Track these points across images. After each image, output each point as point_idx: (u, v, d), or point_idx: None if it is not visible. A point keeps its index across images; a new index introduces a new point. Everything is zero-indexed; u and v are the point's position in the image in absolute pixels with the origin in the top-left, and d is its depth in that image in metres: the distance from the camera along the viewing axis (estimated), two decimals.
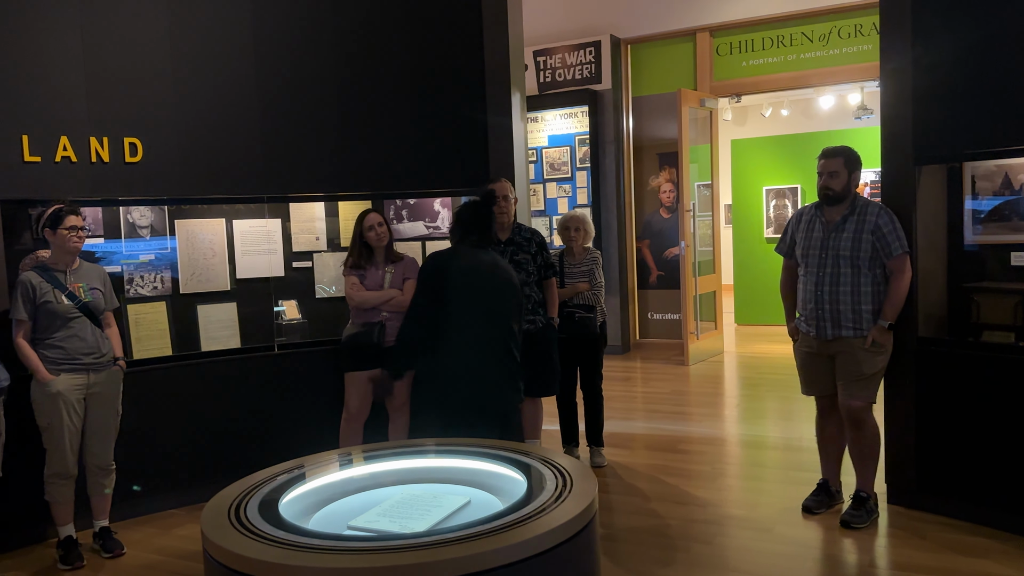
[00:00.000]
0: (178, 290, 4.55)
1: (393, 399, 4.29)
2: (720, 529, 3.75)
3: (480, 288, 3.24)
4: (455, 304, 3.18)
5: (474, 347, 3.21)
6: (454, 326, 3.19)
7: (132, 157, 4.20)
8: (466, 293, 3.19)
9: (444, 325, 3.18)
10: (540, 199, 8.85)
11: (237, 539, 2.06)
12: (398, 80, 4.81)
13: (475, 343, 3.22)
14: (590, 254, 4.74)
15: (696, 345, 8.00)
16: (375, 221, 4.29)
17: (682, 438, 5.34)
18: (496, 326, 3.29)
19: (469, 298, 3.20)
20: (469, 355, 3.21)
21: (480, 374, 3.21)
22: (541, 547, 1.92)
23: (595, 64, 8.66)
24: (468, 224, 3.32)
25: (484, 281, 3.26)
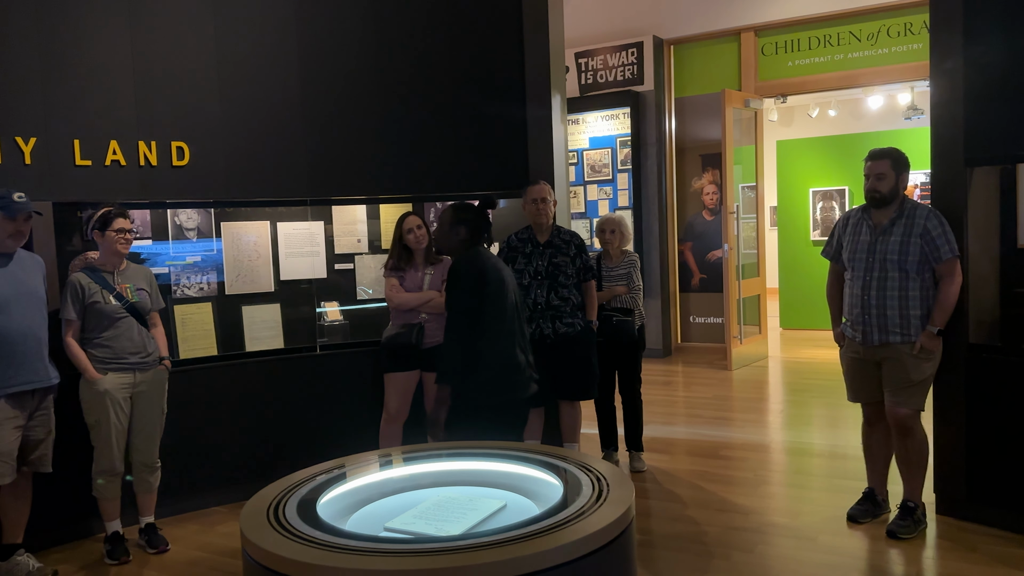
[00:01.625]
0: (223, 291, 4.63)
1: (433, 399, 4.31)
2: (762, 537, 3.69)
3: (508, 285, 3.34)
4: (495, 305, 3.25)
5: (512, 342, 3.31)
6: (496, 325, 3.25)
7: (179, 161, 4.28)
8: (501, 292, 3.28)
9: (488, 326, 3.22)
10: (580, 201, 8.82)
11: (275, 539, 2.08)
12: (439, 83, 4.84)
13: (511, 338, 3.30)
14: (628, 257, 4.70)
15: (739, 349, 7.89)
16: (414, 224, 4.32)
17: (724, 444, 5.27)
18: (521, 320, 3.41)
19: (503, 297, 3.29)
20: (510, 350, 3.30)
21: (518, 366, 3.32)
22: (576, 553, 1.90)
23: (637, 65, 8.60)
24: (477, 226, 3.32)
25: (508, 278, 3.37)
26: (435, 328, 4.23)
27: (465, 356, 3.19)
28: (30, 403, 3.42)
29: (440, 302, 4.22)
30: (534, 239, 4.31)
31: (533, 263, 4.25)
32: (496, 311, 3.25)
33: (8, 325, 3.32)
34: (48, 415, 3.51)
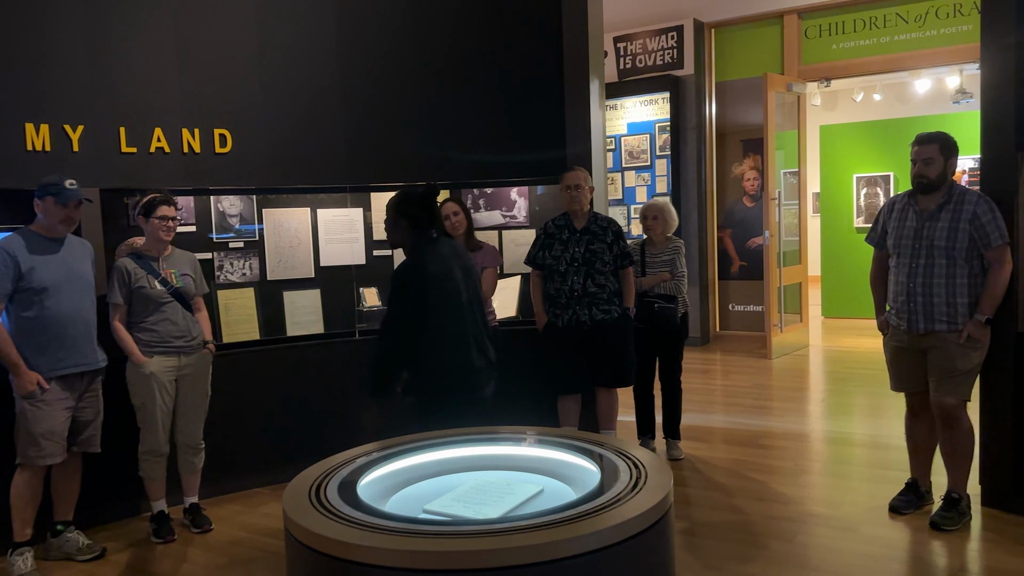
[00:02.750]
0: (265, 277, 4.70)
1: None
2: (801, 527, 3.65)
3: (457, 281, 3.16)
4: (442, 306, 3.10)
5: (463, 341, 3.16)
6: (442, 327, 3.12)
7: (222, 148, 4.35)
8: (449, 292, 3.12)
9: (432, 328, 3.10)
10: (618, 188, 8.76)
11: (317, 519, 2.11)
12: (477, 69, 4.83)
13: (463, 338, 3.17)
14: (672, 243, 4.65)
15: (780, 338, 7.79)
16: (451, 210, 4.33)
17: (763, 433, 5.22)
18: (477, 317, 3.25)
19: (452, 296, 3.13)
20: (462, 350, 3.16)
21: (471, 366, 3.19)
22: (614, 539, 1.90)
23: (677, 49, 8.49)
24: (418, 218, 3.13)
25: (460, 275, 3.19)
26: None
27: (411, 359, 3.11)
28: (79, 385, 3.51)
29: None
30: (571, 225, 4.29)
31: (570, 249, 4.24)
32: (442, 312, 3.09)
33: (58, 309, 3.41)
34: (96, 397, 3.60)
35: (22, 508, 3.39)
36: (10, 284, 3.32)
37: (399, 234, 3.16)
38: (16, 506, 3.39)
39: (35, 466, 3.39)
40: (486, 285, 4.28)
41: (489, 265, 4.33)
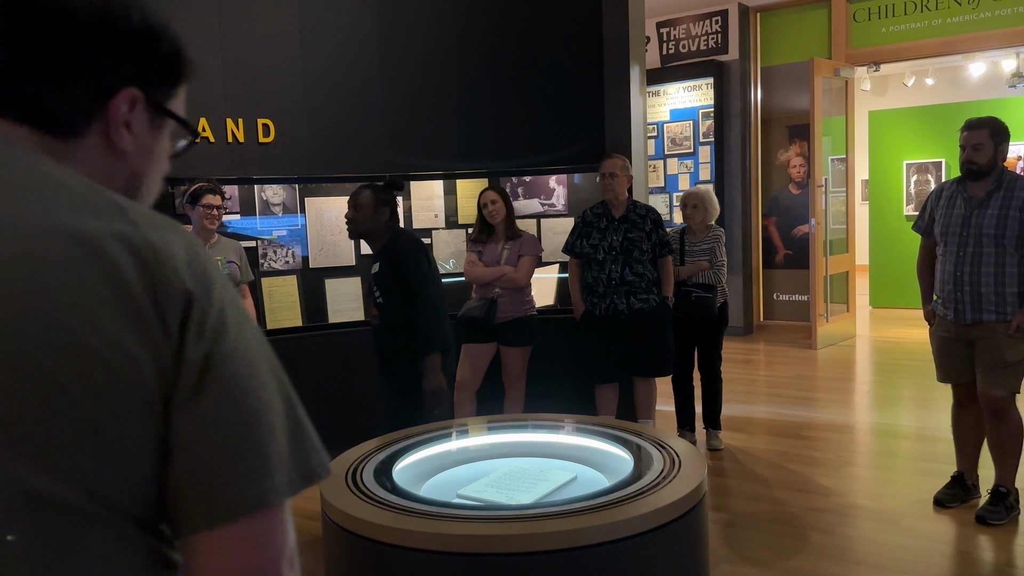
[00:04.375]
0: (308, 264, 4.77)
1: (509, 372, 4.37)
2: (843, 519, 3.60)
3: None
4: (437, 277, 3.53)
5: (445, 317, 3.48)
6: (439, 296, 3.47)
7: (265, 138, 4.42)
8: (435, 265, 3.56)
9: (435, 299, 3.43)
10: (660, 175, 8.67)
11: (353, 502, 2.16)
12: (516, 57, 4.83)
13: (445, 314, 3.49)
14: (712, 232, 4.60)
15: (825, 328, 7.66)
16: (488, 199, 4.35)
17: (806, 424, 5.15)
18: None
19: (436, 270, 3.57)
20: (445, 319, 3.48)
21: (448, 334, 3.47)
22: (645, 526, 1.91)
23: (721, 34, 8.36)
24: (395, 208, 3.49)
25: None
26: (508, 303, 4.27)
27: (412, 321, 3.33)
28: None
29: (513, 277, 4.26)
30: (609, 214, 4.27)
31: (607, 238, 4.22)
32: (437, 284, 3.48)
33: None
34: None
35: None
36: None
37: (376, 222, 3.41)
38: None
39: None
40: (523, 273, 4.30)
41: (528, 253, 4.34)
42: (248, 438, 0.74)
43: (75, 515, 0.69)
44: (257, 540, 0.74)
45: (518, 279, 4.28)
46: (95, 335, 0.68)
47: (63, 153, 0.78)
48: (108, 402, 0.69)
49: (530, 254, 4.37)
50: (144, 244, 0.72)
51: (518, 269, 4.28)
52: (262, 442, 0.74)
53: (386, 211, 3.42)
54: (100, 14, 0.80)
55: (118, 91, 0.81)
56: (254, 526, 0.74)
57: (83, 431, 0.68)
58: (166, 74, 0.89)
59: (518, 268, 4.28)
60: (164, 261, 0.72)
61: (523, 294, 4.35)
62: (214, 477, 0.72)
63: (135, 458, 0.71)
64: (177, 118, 0.90)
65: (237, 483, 0.73)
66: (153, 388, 0.71)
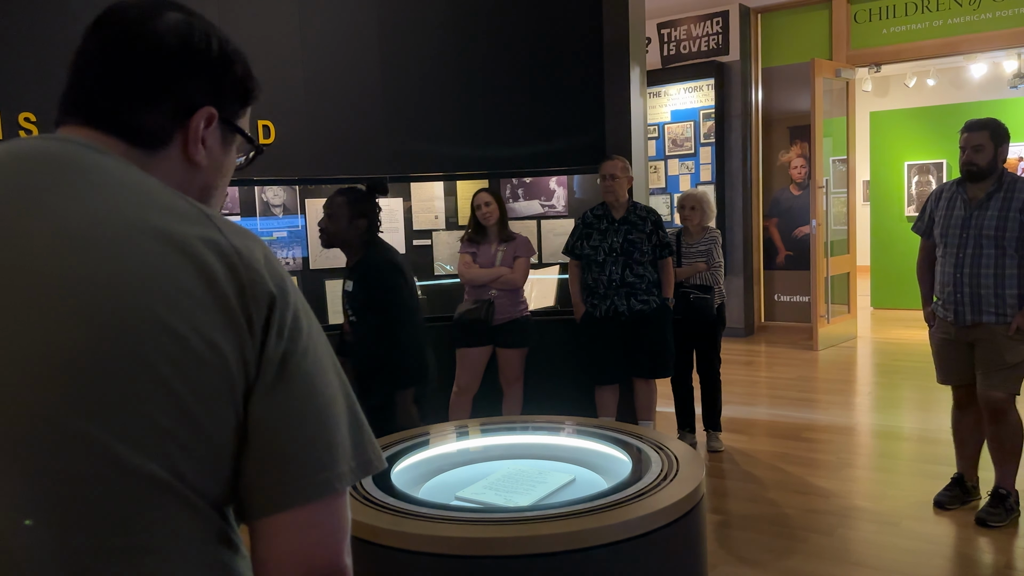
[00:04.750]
0: (308, 266, 4.78)
1: (507, 374, 4.37)
2: (842, 521, 3.60)
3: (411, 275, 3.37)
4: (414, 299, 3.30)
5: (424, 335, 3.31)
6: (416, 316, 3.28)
7: (265, 139, 4.42)
8: (413, 283, 3.32)
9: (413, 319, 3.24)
10: (661, 176, 8.67)
11: (351, 504, 2.16)
12: (516, 58, 4.82)
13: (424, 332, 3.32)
14: (708, 233, 4.61)
15: (826, 329, 7.66)
16: (483, 200, 4.35)
17: (807, 426, 5.14)
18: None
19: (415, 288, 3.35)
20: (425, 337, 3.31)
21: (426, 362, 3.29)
22: (643, 528, 1.90)
23: (722, 35, 8.36)
24: (374, 218, 3.21)
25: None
26: (505, 304, 4.27)
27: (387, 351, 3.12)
28: None
29: (510, 278, 4.27)
30: (609, 215, 4.27)
31: (608, 239, 4.22)
32: (415, 303, 3.26)
33: None
34: None
35: None
36: None
37: (352, 232, 3.16)
38: None
39: None
40: (519, 274, 4.31)
41: (523, 255, 4.35)
42: (318, 429, 0.81)
43: (160, 491, 0.74)
44: (322, 523, 0.81)
45: (515, 280, 4.29)
46: (191, 330, 0.75)
47: (146, 164, 0.87)
48: (199, 391, 0.76)
49: (525, 256, 4.38)
50: (231, 249, 0.79)
51: (514, 270, 4.29)
52: (330, 433, 0.82)
53: (363, 223, 3.16)
54: (185, 43, 0.89)
55: (197, 110, 0.90)
56: (320, 510, 0.80)
57: (175, 416, 0.75)
58: (237, 95, 0.97)
59: (514, 269, 4.29)
60: (250, 265, 0.80)
61: (518, 295, 4.37)
62: (287, 463, 0.79)
63: (218, 443, 0.78)
64: (245, 135, 1.00)
65: (308, 470, 0.80)
66: (237, 381, 0.78)
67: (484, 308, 4.25)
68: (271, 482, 0.79)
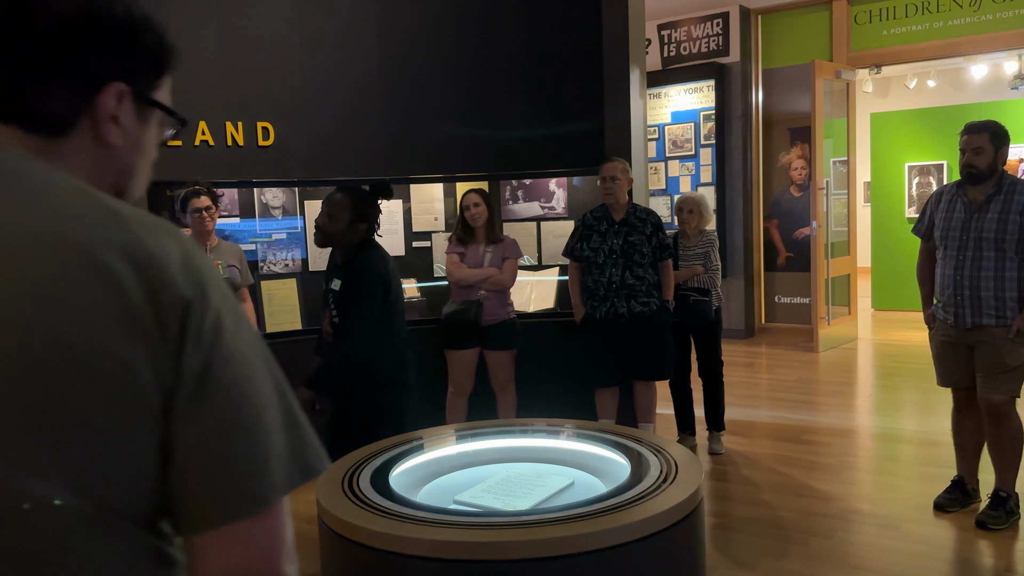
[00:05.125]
0: (307, 268, 4.77)
1: (499, 377, 4.36)
2: (842, 524, 3.59)
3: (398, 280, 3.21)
4: (397, 309, 3.12)
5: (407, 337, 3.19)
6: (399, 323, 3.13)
7: (265, 141, 4.41)
8: (400, 296, 3.17)
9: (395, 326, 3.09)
10: (661, 178, 8.66)
11: (349, 508, 2.15)
12: (515, 59, 4.81)
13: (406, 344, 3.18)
14: (706, 236, 4.60)
15: (827, 331, 7.64)
16: (471, 201, 4.34)
17: (807, 428, 5.13)
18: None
19: (400, 294, 3.19)
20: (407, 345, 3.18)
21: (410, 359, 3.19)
22: (642, 532, 1.90)
23: (723, 36, 8.35)
24: (376, 219, 3.10)
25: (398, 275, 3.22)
26: (494, 306, 4.28)
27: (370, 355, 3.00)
28: None
29: (499, 279, 4.26)
30: (609, 217, 4.27)
31: (608, 241, 4.22)
32: (399, 310, 3.12)
33: None
34: None
35: None
36: None
37: (350, 235, 3.02)
38: None
39: None
40: (508, 276, 4.31)
41: (511, 256, 4.35)
42: (246, 442, 0.75)
43: (77, 522, 0.70)
44: (257, 537, 0.76)
45: (504, 281, 4.29)
46: (100, 351, 0.69)
47: (52, 152, 0.78)
48: (111, 413, 0.70)
49: (513, 257, 4.37)
50: (142, 252, 0.72)
51: (503, 271, 4.29)
52: (260, 444, 0.76)
53: (363, 226, 3.04)
54: (81, 10, 0.79)
55: (104, 86, 0.80)
56: (255, 525, 0.75)
57: (87, 441, 0.69)
58: (151, 65, 0.88)
59: (503, 271, 4.29)
60: (162, 268, 0.73)
61: (506, 297, 4.37)
62: (214, 480, 0.74)
63: (136, 463, 0.73)
64: (164, 108, 0.89)
65: (236, 485, 0.75)
66: (153, 396, 0.72)
67: (473, 309, 4.25)
68: (200, 500, 0.74)
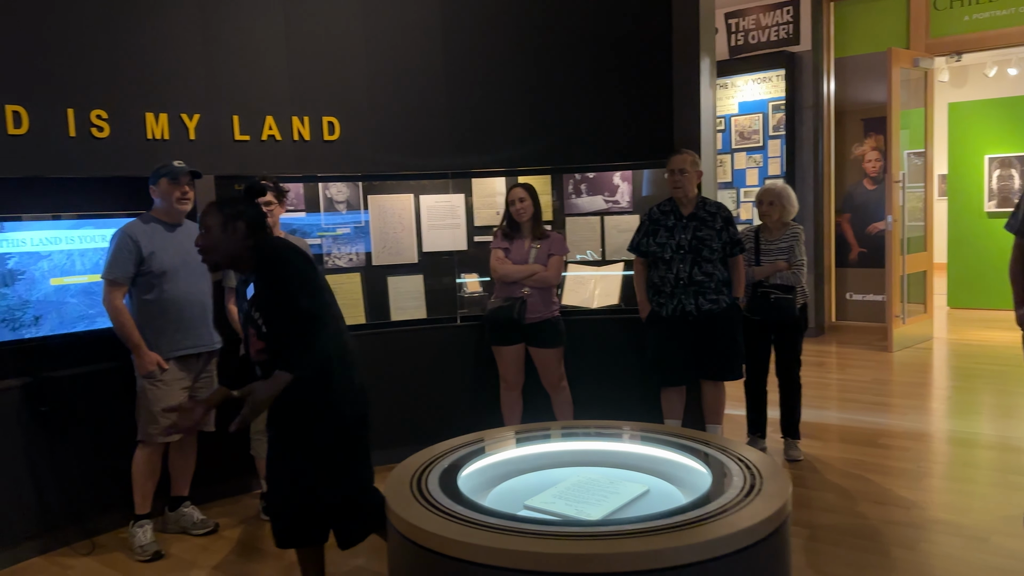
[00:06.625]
0: (371, 262, 4.76)
1: (547, 376, 4.28)
2: (925, 534, 3.41)
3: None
4: (329, 295, 2.67)
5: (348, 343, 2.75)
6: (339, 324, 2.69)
7: (330, 135, 4.41)
8: (325, 282, 2.70)
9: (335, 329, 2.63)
10: (727, 170, 8.45)
11: (418, 511, 2.10)
12: (580, 50, 4.71)
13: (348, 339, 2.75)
14: (790, 229, 4.39)
15: (901, 330, 7.36)
16: (517, 196, 4.26)
17: (882, 431, 4.92)
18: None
19: (327, 286, 2.71)
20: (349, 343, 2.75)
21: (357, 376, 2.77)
22: (725, 549, 1.80)
23: (793, 24, 8.09)
24: (255, 215, 2.64)
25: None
26: (538, 302, 4.19)
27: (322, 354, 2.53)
28: (195, 366, 3.64)
29: (545, 276, 4.18)
30: (677, 211, 4.13)
31: (675, 236, 4.09)
32: (333, 304, 2.67)
33: (176, 292, 3.54)
34: (211, 377, 3.73)
35: (142, 483, 3.55)
36: (132, 267, 3.46)
37: (233, 243, 2.59)
38: (137, 481, 3.55)
39: (154, 443, 3.54)
40: (554, 272, 4.22)
41: (557, 253, 4.25)
42: None
43: None
44: None
45: (549, 278, 4.20)
46: None
47: None
48: None
49: (559, 254, 4.28)
50: None
51: (548, 268, 4.20)
52: None
53: (240, 226, 2.58)
54: None
55: None
56: None
57: None
58: None
59: (548, 267, 4.20)
60: None
61: (551, 295, 4.28)
62: None
63: None
64: None
65: None
66: None
67: (517, 306, 4.16)
68: None
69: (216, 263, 2.66)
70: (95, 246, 3.73)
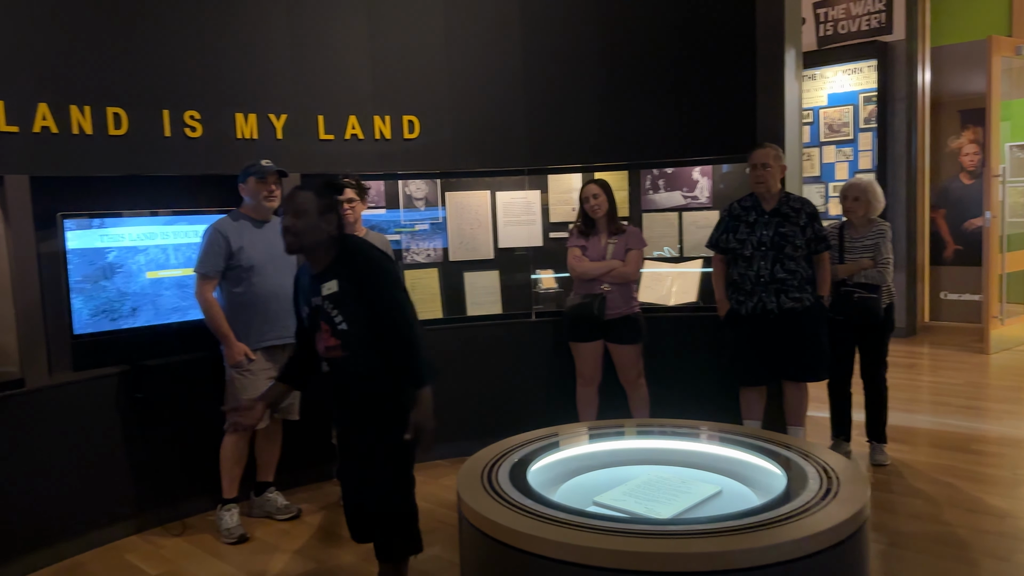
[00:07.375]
0: (448, 257, 4.83)
1: (626, 372, 4.25)
2: (1020, 544, 3.25)
3: None
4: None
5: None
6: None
7: (410, 134, 4.50)
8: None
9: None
10: (815, 164, 8.19)
11: (488, 504, 2.13)
12: (662, 42, 4.65)
13: None
14: (876, 226, 4.23)
15: (1000, 331, 7.00)
16: (591, 192, 4.23)
17: (976, 437, 4.70)
18: None
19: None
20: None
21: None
22: (798, 552, 1.76)
23: (886, 13, 7.78)
24: (339, 214, 2.72)
25: None
26: (617, 299, 4.16)
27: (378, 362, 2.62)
28: (281, 356, 3.77)
29: (623, 271, 4.14)
30: (759, 207, 4.04)
31: (756, 232, 3.99)
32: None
33: (263, 285, 3.67)
34: None
35: (230, 468, 3.71)
36: (222, 262, 3.61)
37: (321, 232, 2.62)
38: (225, 466, 3.71)
39: (241, 431, 3.69)
40: (633, 267, 4.19)
41: (635, 247, 4.21)
42: None
43: None
44: None
45: (628, 273, 4.17)
46: None
47: None
48: None
49: (637, 248, 4.23)
50: None
51: (627, 263, 4.16)
52: None
53: (333, 218, 2.65)
54: None
55: None
56: None
57: None
58: None
59: (627, 262, 4.17)
60: None
61: (630, 290, 4.24)
62: None
63: None
64: None
65: None
66: None
67: (596, 303, 4.14)
68: None
69: (301, 247, 2.65)
70: (188, 241, 3.91)
